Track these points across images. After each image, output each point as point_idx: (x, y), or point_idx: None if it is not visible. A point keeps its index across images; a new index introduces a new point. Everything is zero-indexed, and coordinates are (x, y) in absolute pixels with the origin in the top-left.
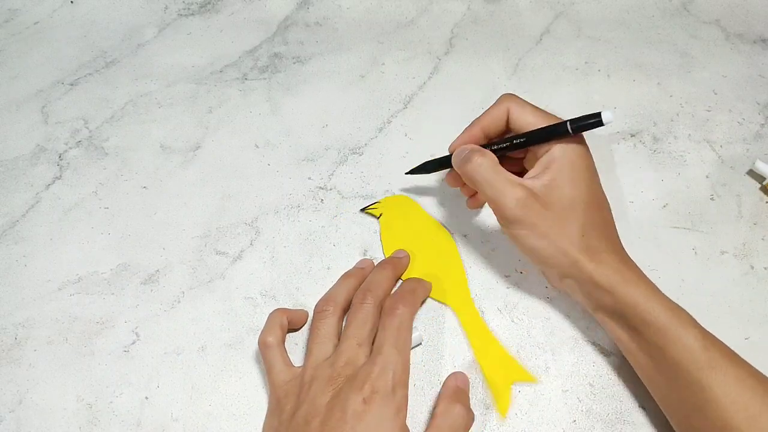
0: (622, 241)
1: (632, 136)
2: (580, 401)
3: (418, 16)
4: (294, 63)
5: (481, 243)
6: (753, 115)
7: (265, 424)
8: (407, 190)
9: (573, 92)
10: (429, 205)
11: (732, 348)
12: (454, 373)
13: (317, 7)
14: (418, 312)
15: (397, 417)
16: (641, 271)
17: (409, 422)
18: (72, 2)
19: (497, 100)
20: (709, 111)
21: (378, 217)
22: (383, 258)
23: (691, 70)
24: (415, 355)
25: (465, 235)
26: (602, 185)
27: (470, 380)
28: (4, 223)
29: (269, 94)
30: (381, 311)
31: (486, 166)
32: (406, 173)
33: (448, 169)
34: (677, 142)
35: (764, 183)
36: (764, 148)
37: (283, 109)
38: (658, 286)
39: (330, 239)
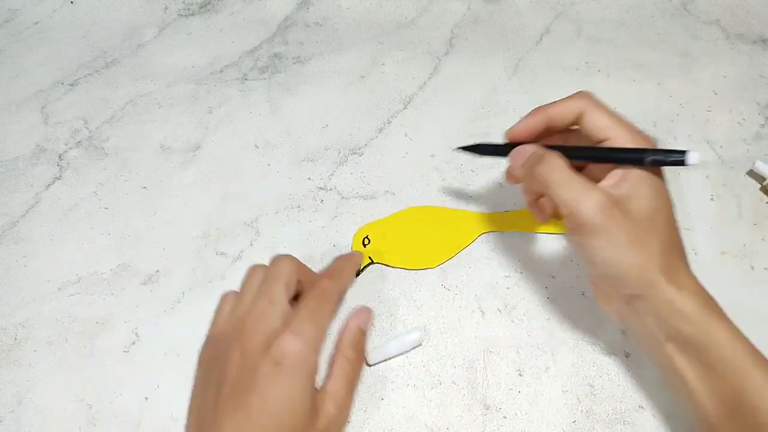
0: None
1: None
2: (580, 401)
3: (418, 16)
4: (294, 63)
5: (482, 243)
6: (753, 115)
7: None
8: (405, 191)
9: (573, 92)
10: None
11: None
12: (357, 312)
13: (317, 7)
14: (418, 312)
15: (308, 382)
16: (718, 304)
17: None
18: (72, 2)
19: (572, 94)
20: (709, 111)
21: (372, 262)
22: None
23: (691, 70)
24: (415, 355)
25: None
26: None
27: (469, 372)
28: (4, 223)
29: (269, 94)
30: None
31: (560, 167)
32: (458, 148)
33: (505, 161)
34: (677, 142)
35: (764, 183)
36: (764, 148)
37: (283, 109)
38: None
39: (330, 239)
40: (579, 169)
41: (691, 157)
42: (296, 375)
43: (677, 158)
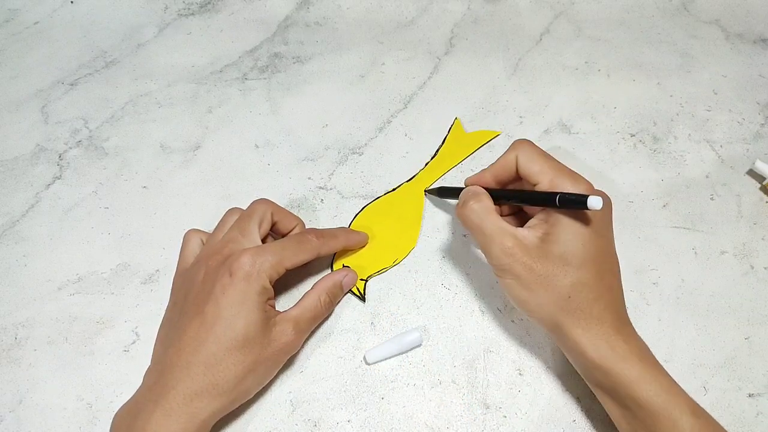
0: (623, 243)
1: (632, 136)
2: (580, 401)
3: (418, 16)
4: (294, 63)
5: None
6: (753, 115)
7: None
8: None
9: (573, 92)
10: (428, 205)
11: (732, 348)
12: (347, 270)
13: (317, 7)
14: (418, 312)
15: (259, 296)
16: (639, 344)
17: None
18: (72, 2)
19: (510, 146)
20: (709, 111)
21: (366, 280)
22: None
23: (691, 70)
24: (415, 355)
25: (464, 235)
26: (601, 194)
27: (468, 372)
28: (4, 223)
29: (269, 94)
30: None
31: (478, 211)
32: (426, 190)
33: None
34: (677, 142)
35: (764, 183)
36: (764, 148)
37: (283, 109)
38: (659, 288)
39: None
40: (520, 211)
41: (592, 202)
42: (248, 285)
43: (580, 201)
